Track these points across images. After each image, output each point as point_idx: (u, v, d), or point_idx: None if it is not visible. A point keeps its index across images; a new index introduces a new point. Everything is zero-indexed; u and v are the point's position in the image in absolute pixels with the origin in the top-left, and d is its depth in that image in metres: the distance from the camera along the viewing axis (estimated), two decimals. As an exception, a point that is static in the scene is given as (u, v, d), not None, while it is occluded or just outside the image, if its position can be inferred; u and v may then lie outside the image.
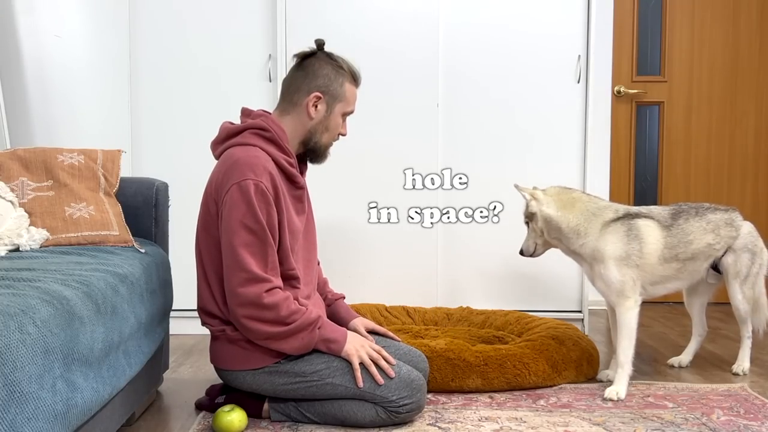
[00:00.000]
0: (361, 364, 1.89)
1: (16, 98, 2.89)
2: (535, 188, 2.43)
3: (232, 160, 1.86)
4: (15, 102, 2.88)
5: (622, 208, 2.40)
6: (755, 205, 3.95)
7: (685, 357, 2.66)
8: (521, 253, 2.49)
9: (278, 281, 1.86)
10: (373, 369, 1.89)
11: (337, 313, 2.18)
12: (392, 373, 1.90)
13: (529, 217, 2.42)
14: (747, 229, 2.50)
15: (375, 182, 3.12)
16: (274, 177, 1.87)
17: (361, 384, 1.87)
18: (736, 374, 2.54)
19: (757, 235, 2.53)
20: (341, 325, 2.07)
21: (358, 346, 1.91)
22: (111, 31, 3.04)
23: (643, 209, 2.43)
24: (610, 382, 2.36)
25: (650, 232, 2.35)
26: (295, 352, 1.87)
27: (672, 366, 2.64)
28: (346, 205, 3.12)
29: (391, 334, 2.15)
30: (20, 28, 2.87)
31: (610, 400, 2.20)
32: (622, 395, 2.22)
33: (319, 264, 2.23)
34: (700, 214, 2.45)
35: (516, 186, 2.45)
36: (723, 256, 2.48)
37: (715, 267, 2.51)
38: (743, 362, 2.57)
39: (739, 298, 2.50)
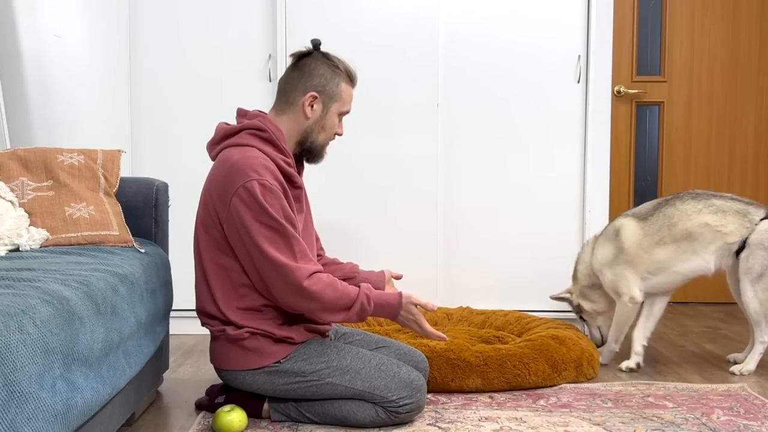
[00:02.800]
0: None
1: (16, 98, 2.89)
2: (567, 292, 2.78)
3: (230, 162, 1.86)
4: (15, 102, 2.88)
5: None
6: (755, 205, 3.95)
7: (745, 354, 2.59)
8: (598, 345, 2.69)
9: (314, 266, 1.86)
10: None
11: (371, 282, 2.16)
12: (435, 306, 1.95)
13: (580, 310, 2.75)
14: (765, 226, 2.42)
15: (375, 182, 3.12)
16: (276, 173, 1.87)
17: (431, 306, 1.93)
18: (732, 373, 2.50)
19: None
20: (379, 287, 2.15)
21: (406, 318, 1.93)
22: (111, 31, 3.04)
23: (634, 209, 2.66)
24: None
25: (625, 227, 2.55)
26: (359, 320, 1.90)
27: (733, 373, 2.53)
28: (345, 205, 3.12)
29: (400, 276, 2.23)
30: (20, 28, 2.87)
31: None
32: (604, 361, 2.60)
33: (323, 254, 2.23)
34: (698, 198, 2.51)
35: (553, 297, 2.79)
36: (742, 249, 2.45)
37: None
38: (748, 364, 2.50)
39: (749, 295, 2.44)
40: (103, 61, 3.03)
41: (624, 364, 2.55)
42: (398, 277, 2.23)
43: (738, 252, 2.47)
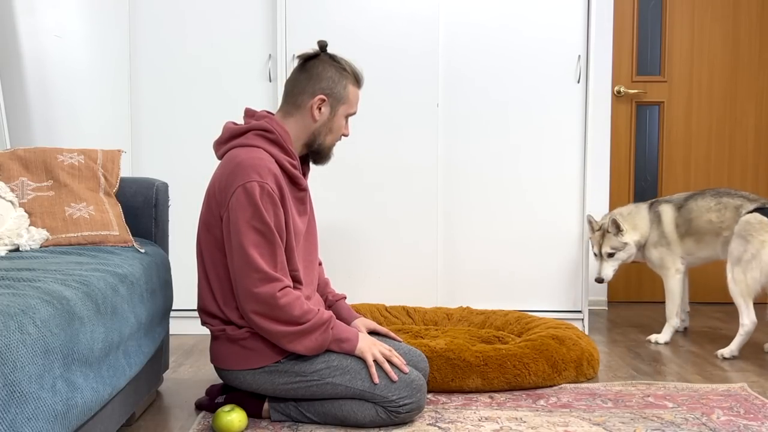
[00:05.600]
0: (375, 362, 1.91)
1: (16, 98, 2.89)
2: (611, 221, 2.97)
3: (235, 162, 1.86)
4: (15, 102, 2.88)
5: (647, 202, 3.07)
6: (755, 205, 3.95)
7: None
8: (600, 281, 3.00)
9: (289, 281, 1.86)
10: (387, 366, 1.90)
11: (338, 313, 2.18)
12: (406, 369, 1.92)
13: (618, 248, 2.96)
14: (746, 218, 2.75)
15: (375, 182, 3.12)
16: (278, 178, 1.87)
17: (376, 380, 1.88)
18: (716, 356, 2.77)
19: (761, 226, 2.69)
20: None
21: (370, 344, 1.93)
22: (111, 31, 3.04)
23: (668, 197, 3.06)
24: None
25: (665, 213, 2.96)
26: (309, 352, 1.87)
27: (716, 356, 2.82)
28: (346, 205, 3.12)
29: (392, 334, 2.15)
30: (20, 28, 2.87)
31: (653, 342, 2.96)
32: (661, 341, 2.97)
33: (321, 264, 2.23)
34: (715, 196, 2.90)
35: (615, 220, 2.93)
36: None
37: None
38: (730, 347, 2.76)
39: (729, 277, 2.76)
40: (103, 61, 3.03)
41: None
42: (374, 330, 2.17)
43: None
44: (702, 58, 3.90)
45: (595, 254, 3.02)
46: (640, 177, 3.98)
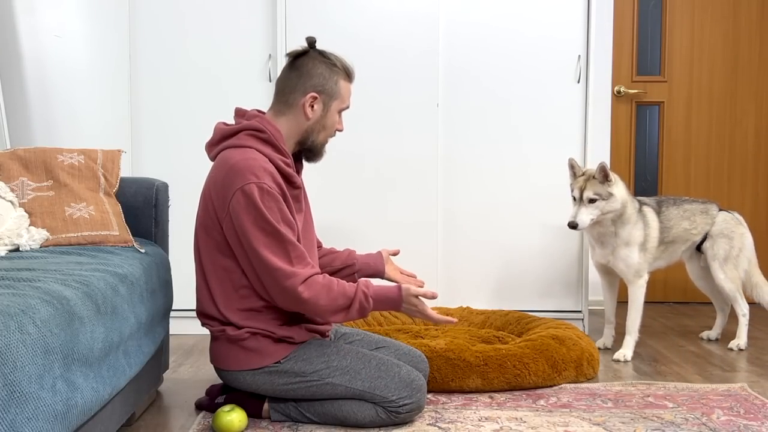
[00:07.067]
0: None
1: (16, 98, 2.89)
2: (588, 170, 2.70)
3: (229, 164, 1.85)
4: (15, 102, 2.89)
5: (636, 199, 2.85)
6: (755, 204, 3.95)
7: (714, 332, 3.08)
8: (574, 226, 2.62)
9: (311, 269, 1.85)
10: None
11: (366, 269, 2.21)
12: (435, 294, 1.94)
13: (602, 196, 2.61)
14: (722, 217, 2.89)
15: (374, 181, 3.12)
16: (275, 176, 1.87)
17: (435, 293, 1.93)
18: (731, 349, 2.87)
19: (735, 222, 2.89)
20: (378, 274, 2.20)
21: (407, 305, 1.94)
22: (111, 31, 3.04)
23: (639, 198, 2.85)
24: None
25: (649, 216, 2.78)
26: (360, 317, 1.91)
27: (701, 338, 3.09)
28: (345, 205, 3.12)
29: (416, 278, 2.25)
30: (20, 28, 2.88)
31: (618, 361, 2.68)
32: (629, 357, 2.70)
33: (320, 247, 2.23)
34: (676, 204, 2.88)
35: (603, 167, 2.59)
36: (704, 241, 2.90)
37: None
38: (740, 339, 2.89)
39: (720, 277, 2.87)
40: (103, 61, 3.03)
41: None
42: (395, 253, 2.25)
43: (700, 243, 2.93)
44: (702, 58, 3.90)
45: (574, 198, 2.67)
46: (640, 177, 3.98)
